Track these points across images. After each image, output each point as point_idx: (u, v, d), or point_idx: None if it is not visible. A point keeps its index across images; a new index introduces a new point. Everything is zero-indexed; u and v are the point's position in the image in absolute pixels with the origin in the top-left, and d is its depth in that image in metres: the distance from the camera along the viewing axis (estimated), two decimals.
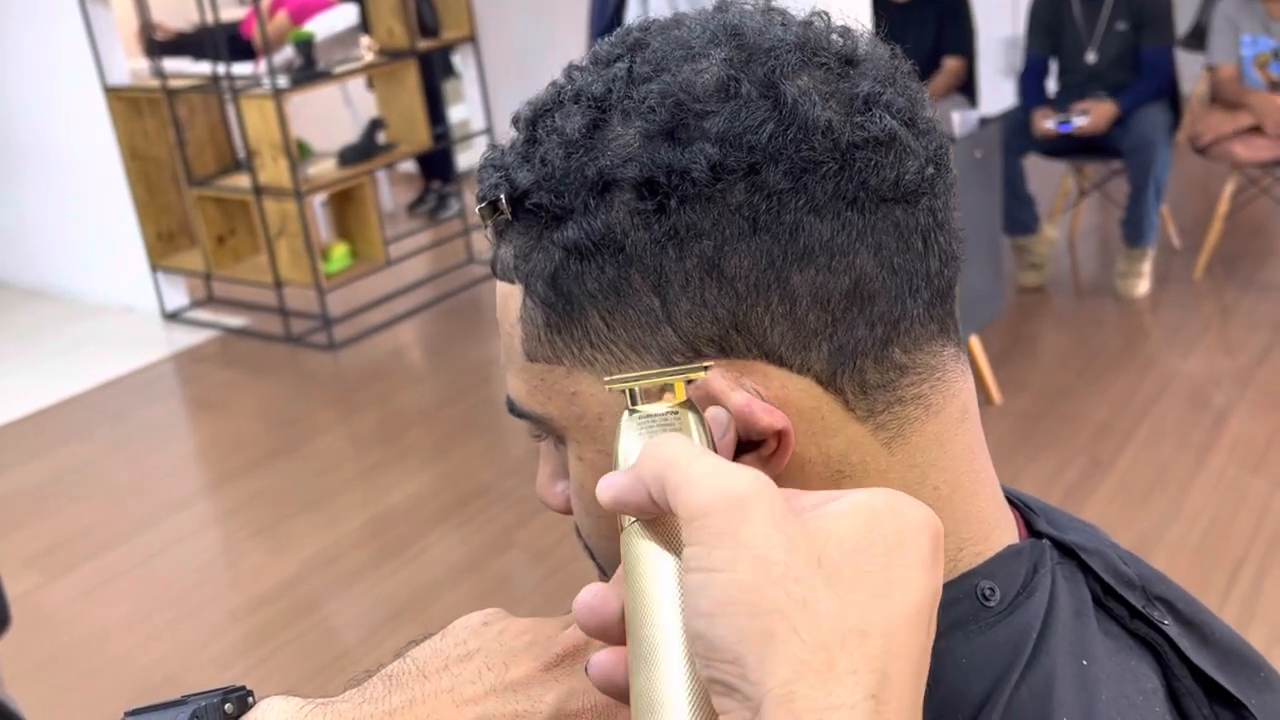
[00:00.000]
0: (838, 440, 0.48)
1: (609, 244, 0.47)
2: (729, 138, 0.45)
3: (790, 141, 0.45)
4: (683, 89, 0.46)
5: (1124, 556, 0.56)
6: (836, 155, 0.45)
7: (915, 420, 0.49)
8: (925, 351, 0.49)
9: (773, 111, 0.45)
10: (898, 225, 0.47)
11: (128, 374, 4.20)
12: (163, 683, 2.51)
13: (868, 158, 0.46)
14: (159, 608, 2.79)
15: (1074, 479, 2.88)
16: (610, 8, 3.42)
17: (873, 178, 0.46)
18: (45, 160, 4.85)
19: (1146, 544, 2.59)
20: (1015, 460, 2.99)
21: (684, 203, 0.45)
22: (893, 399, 0.49)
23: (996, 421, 3.19)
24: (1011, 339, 3.70)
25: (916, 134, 0.48)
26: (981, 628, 0.49)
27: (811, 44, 0.48)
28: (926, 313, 0.49)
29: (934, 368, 0.50)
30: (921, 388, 0.49)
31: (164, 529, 3.14)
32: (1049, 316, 3.94)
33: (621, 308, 0.47)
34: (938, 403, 0.50)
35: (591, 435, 0.51)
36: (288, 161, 3.99)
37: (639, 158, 0.46)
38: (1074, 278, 4.19)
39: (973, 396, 0.53)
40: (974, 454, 0.52)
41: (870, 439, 0.49)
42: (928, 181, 0.48)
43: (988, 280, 3.16)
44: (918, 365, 0.49)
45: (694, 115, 0.46)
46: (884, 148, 0.46)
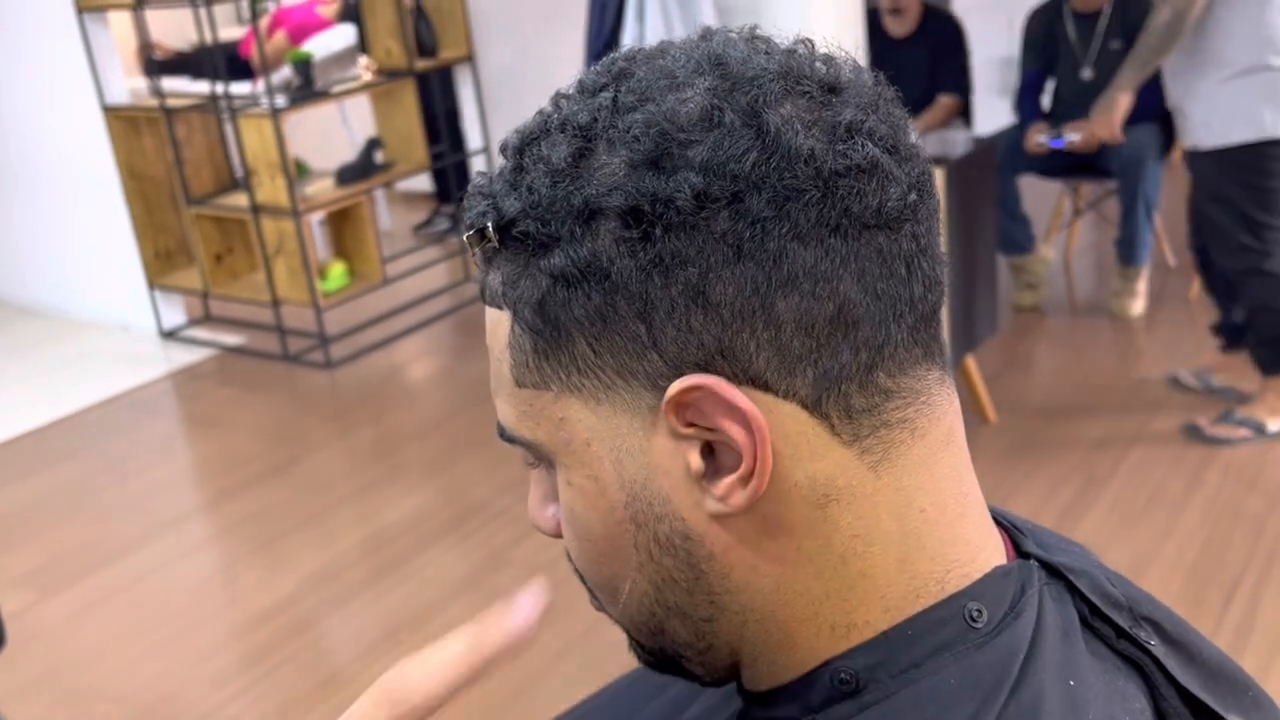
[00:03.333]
0: (824, 464, 0.49)
1: (595, 271, 0.47)
2: (712, 166, 0.46)
3: (773, 170, 0.46)
4: (667, 118, 0.47)
5: (1111, 577, 0.56)
6: (819, 183, 0.46)
7: (901, 444, 0.50)
8: (910, 376, 0.50)
9: (756, 140, 0.46)
10: (881, 251, 0.48)
11: (125, 392, 4.20)
12: (158, 701, 2.50)
13: (850, 185, 0.47)
14: (154, 626, 2.79)
15: (1069, 497, 2.88)
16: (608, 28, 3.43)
17: (855, 205, 0.47)
18: (43, 178, 4.86)
19: (1141, 562, 2.60)
20: (1010, 479, 2.99)
21: (669, 230, 0.46)
22: (878, 423, 0.49)
23: (992, 440, 3.20)
24: (1007, 358, 3.71)
25: (899, 161, 0.48)
26: (969, 648, 0.50)
27: (794, 72, 0.49)
28: (910, 338, 0.49)
29: (919, 392, 0.50)
30: (907, 411, 0.50)
31: (160, 547, 3.14)
32: (1044, 335, 3.95)
33: (608, 334, 0.48)
34: (923, 426, 0.51)
35: (580, 460, 0.51)
36: (285, 180, 4.00)
37: (624, 186, 0.47)
38: (1069, 297, 4.20)
39: (959, 419, 0.54)
40: (960, 476, 0.53)
41: (857, 463, 0.49)
42: (910, 208, 0.48)
43: (983, 300, 3.16)
44: (903, 389, 0.50)
45: (678, 144, 0.46)
46: (866, 175, 0.47)
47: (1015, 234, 3.98)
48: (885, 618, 0.51)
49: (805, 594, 0.51)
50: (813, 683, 0.52)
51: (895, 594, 0.51)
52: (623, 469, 0.50)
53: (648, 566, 0.53)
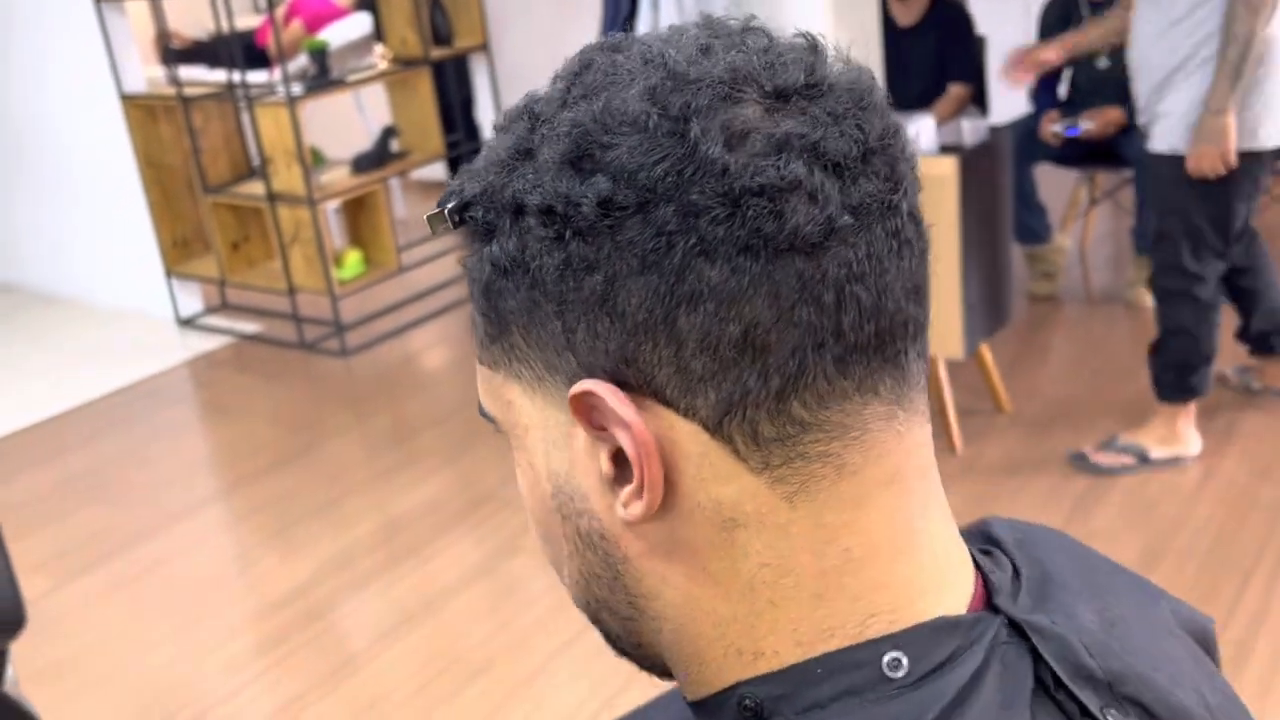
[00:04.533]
0: (729, 489, 0.47)
1: (521, 266, 0.47)
2: (624, 172, 0.44)
3: (684, 182, 0.44)
4: (595, 118, 0.46)
5: (1095, 646, 0.50)
6: (728, 200, 0.44)
7: (824, 478, 0.47)
8: (834, 409, 0.46)
9: (674, 148, 0.44)
10: (800, 276, 0.44)
11: (142, 379, 4.23)
12: (174, 686, 2.53)
13: (762, 205, 0.44)
14: (171, 611, 2.81)
15: (1082, 487, 2.88)
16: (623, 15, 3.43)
17: (767, 225, 0.44)
18: (62, 166, 4.89)
19: (1154, 553, 2.59)
20: (1024, 467, 2.99)
21: (577, 234, 0.45)
22: (793, 454, 0.46)
23: (1006, 429, 3.19)
24: (1022, 347, 3.70)
25: (845, 179, 0.45)
26: (880, 698, 0.46)
27: (743, 77, 0.46)
28: (837, 370, 0.46)
29: (848, 427, 0.47)
30: (831, 446, 0.47)
31: (177, 533, 3.16)
32: (1060, 325, 3.93)
33: (535, 328, 0.48)
34: (855, 463, 0.47)
35: (522, 445, 0.52)
36: (301, 169, 4.01)
37: (544, 184, 0.46)
38: (1085, 286, 4.19)
39: (917, 458, 0.50)
40: (907, 519, 0.49)
41: (768, 491, 0.47)
42: (837, 232, 0.44)
43: (999, 289, 3.16)
44: (824, 423, 0.46)
45: (599, 146, 0.45)
46: (783, 194, 0.44)
47: (1032, 223, 3.97)
48: (795, 651, 0.48)
49: (712, 614, 0.49)
50: (722, 703, 0.50)
51: (807, 629, 0.48)
52: (550, 460, 0.50)
53: (575, 558, 0.52)
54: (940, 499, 0.52)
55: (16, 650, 1.76)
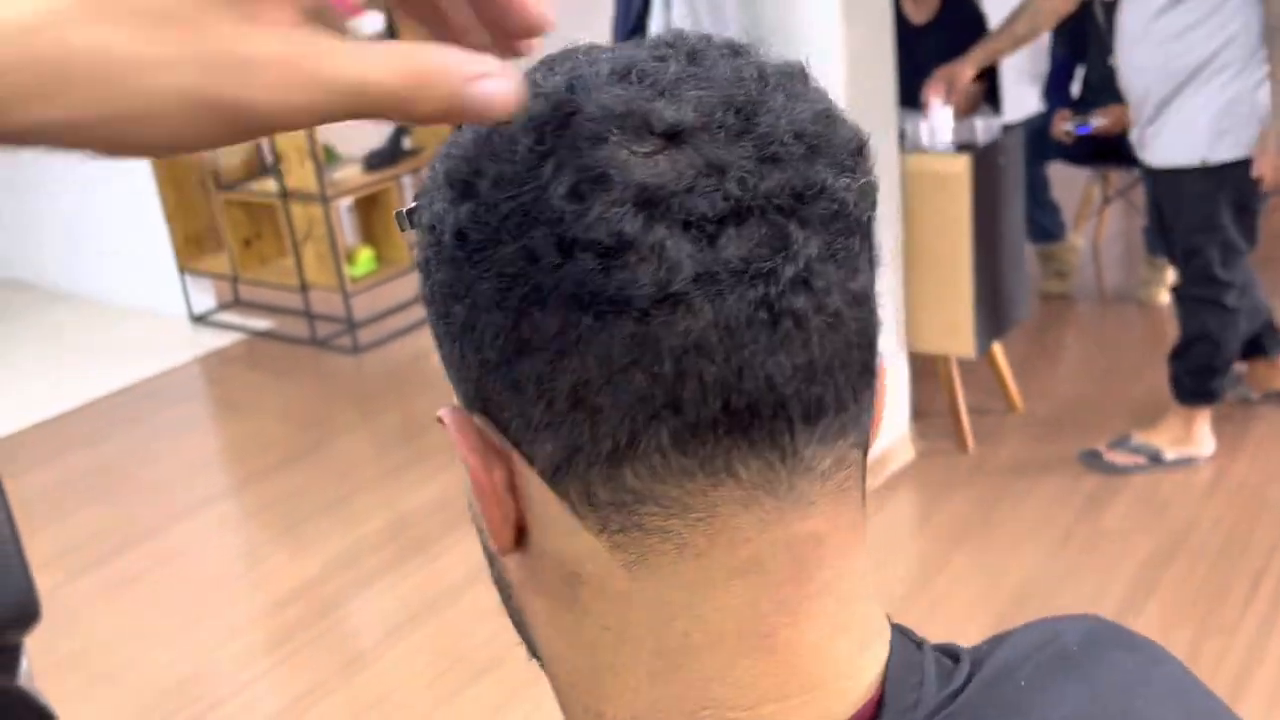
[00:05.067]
0: (572, 543, 0.44)
1: (425, 276, 0.45)
2: (482, 205, 0.41)
3: (527, 223, 0.40)
4: (485, 138, 0.42)
5: None
6: (560, 249, 0.40)
7: (664, 554, 0.43)
8: (672, 485, 0.41)
9: (527, 186, 0.40)
10: (633, 339, 0.40)
11: (155, 376, 4.24)
12: (183, 682, 2.54)
13: (589, 259, 0.39)
14: (181, 607, 2.82)
15: (1093, 487, 2.87)
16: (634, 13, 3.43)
17: (594, 281, 0.39)
18: (75, 163, 4.90)
19: (1165, 553, 2.58)
20: (1033, 467, 2.98)
21: (442, 261, 0.43)
22: (630, 523, 0.42)
23: (1018, 429, 3.19)
24: (1035, 346, 3.69)
25: (697, 240, 0.39)
26: None
27: (630, 112, 0.40)
28: (674, 444, 0.41)
29: (689, 506, 0.42)
30: (669, 522, 0.42)
31: (187, 529, 3.17)
32: (1072, 323, 3.92)
33: (441, 339, 0.46)
34: (699, 545, 0.42)
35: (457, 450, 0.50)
36: (314, 166, 4.02)
37: (433, 202, 0.44)
38: (1098, 285, 4.17)
39: (794, 551, 0.43)
40: (763, 614, 0.43)
41: (608, 556, 0.43)
42: (677, 299, 0.39)
43: (1011, 287, 3.15)
44: (660, 497, 0.42)
45: (475, 172, 0.42)
46: (613, 251, 0.39)
47: (1045, 222, 3.96)
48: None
49: (568, 663, 0.47)
50: None
51: (642, 704, 0.45)
52: (465, 471, 0.47)
53: (490, 568, 0.51)
54: (842, 594, 0.45)
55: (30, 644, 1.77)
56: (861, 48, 2.72)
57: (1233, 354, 2.83)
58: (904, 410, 3.11)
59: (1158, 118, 2.68)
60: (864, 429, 0.45)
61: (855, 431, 0.44)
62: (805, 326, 0.40)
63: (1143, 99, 2.71)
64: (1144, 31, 2.64)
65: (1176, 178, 2.71)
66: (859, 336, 0.42)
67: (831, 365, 0.42)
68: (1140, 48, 2.66)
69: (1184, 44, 2.59)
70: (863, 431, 0.45)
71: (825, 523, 0.44)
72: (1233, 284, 2.74)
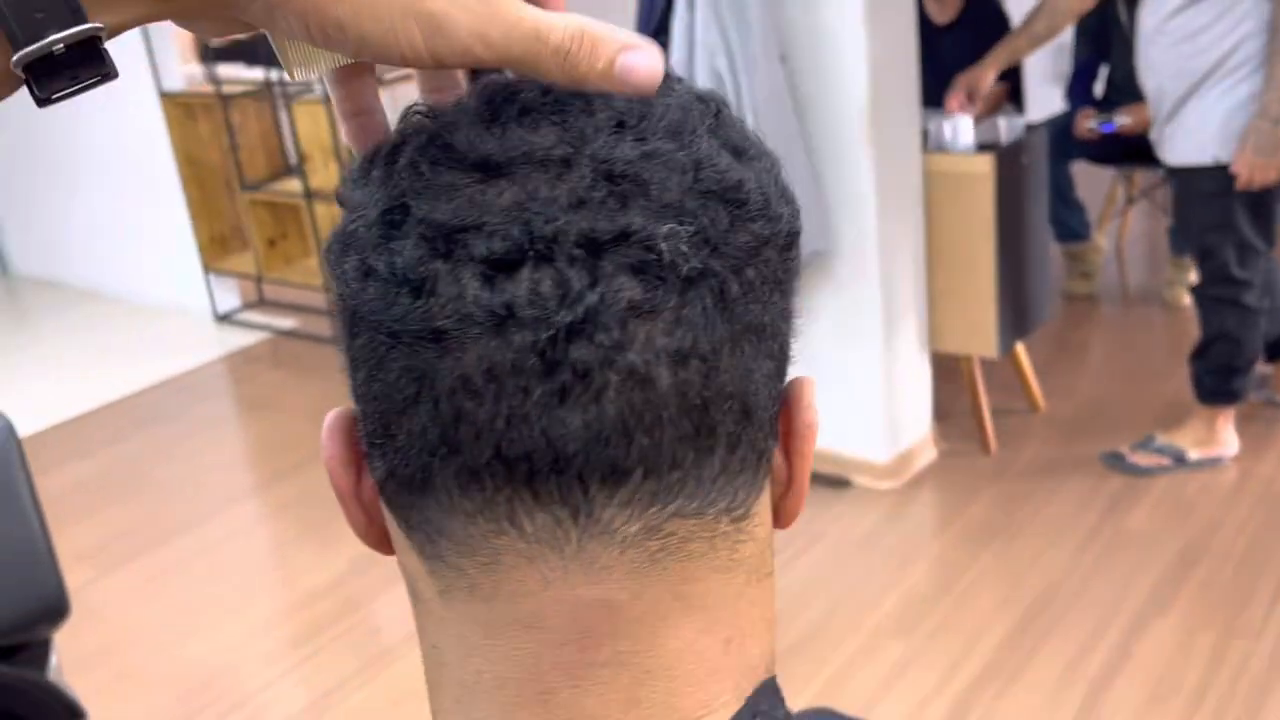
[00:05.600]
0: (406, 560, 0.44)
1: None
2: (339, 226, 0.42)
3: (349, 246, 0.41)
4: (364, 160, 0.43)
5: None
6: (360, 272, 0.40)
7: (459, 591, 0.42)
8: (459, 525, 0.41)
9: (355, 212, 0.41)
10: (412, 372, 0.39)
11: (180, 374, 4.28)
12: (211, 677, 2.56)
13: (378, 288, 0.39)
14: (207, 604, 2.84)
15: (1117, 488, 2.86)
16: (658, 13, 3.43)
17: (380, 311, 0.39)
18: (103, 164, 4.94)
19: (1191, 554, 2.57)
20: (1059, 469, 2.97)
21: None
22: (434, 553, 0.42)
23: (1040, 429, 3.18)
24: (1058, 346, 3.68)
25: (478, 280, 0.38)
26: None
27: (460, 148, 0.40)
28: (458, 484, 0.40)
29: (474, 549, 0.41)
30: (462, 561, 0.41)
31: (214, 526, 3.20)
32: (1097, 324, 3.91)
33: None
34: (486, 589, 0.41)
35: None
36: (338, 166, 4.04)
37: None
38: (1122, 285, 4.16)
39: (585, 619, 0.41)
40: (543, 673, 0.42)
41: (428, 579, 0.43)
42: (442, 336, 0.38)
43: (1035, 287, 3.14)
44: (452, 534, 0.41)
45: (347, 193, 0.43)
46: (395, 284, 0.39)
47: (1070, 221, 3.94)
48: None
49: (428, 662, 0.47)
50: None
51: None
52: None
53: None
54: (647, 671, 0.42)
55: (59, 639, 1.80)
56: (884, 48, 2.72)
57: (1255, 353, 2.82)
58: (926, 411, 3.11)
59: (1173, 117, 2.68)
60: (712, 498, 0.41)
61: (684, 500, 0.40)
62: (591, 381, 0.38)
63: (1159, 98, 2.71)
64: (1160, 30, 2.64)
65: (1190, 177, 2.71)
66: (680, 398, 0.39)
67: (634, 426, 0.38)
68: (1156, 47, 2.67)
69: (1198, 44, 2.59)
70: (707, 501, 0.41)
71: (623, 592, 0.41)
72: (1251, 283, 2.73)
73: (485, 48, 0.38)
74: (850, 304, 2.90)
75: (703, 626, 0.42)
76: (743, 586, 0.44)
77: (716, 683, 0.43)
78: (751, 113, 2.60)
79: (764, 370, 0.41)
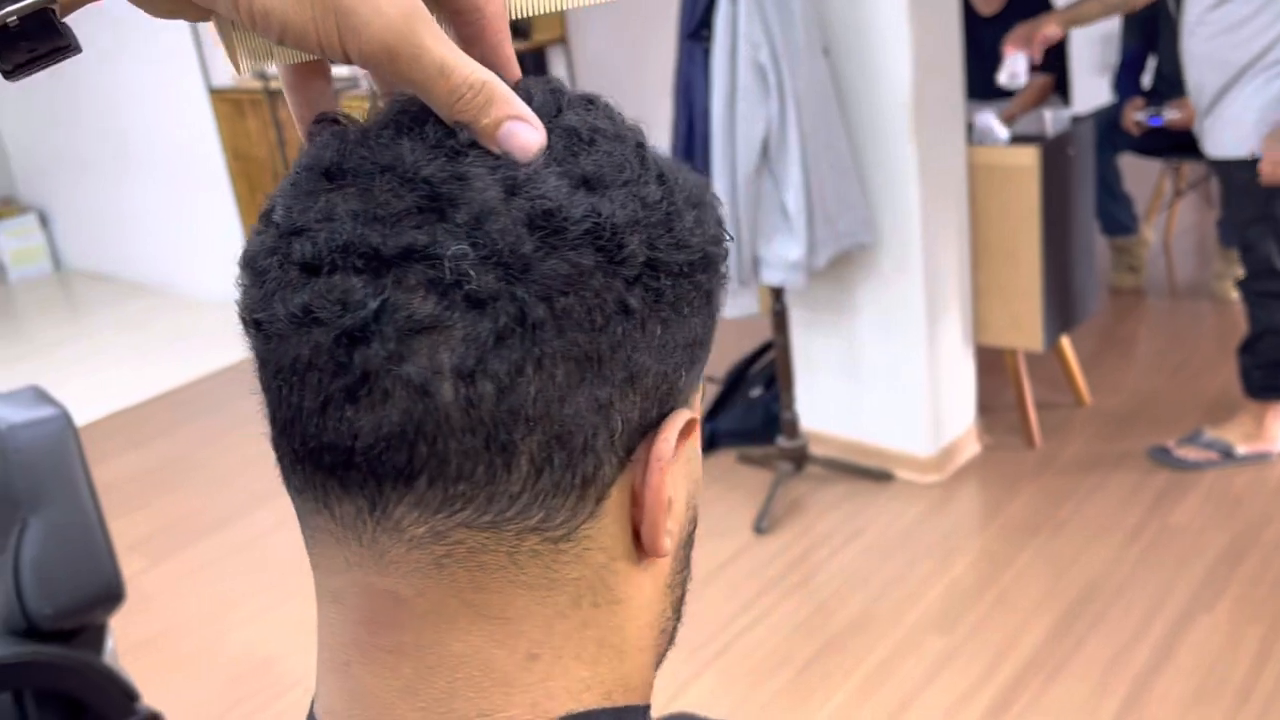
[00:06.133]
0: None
1: None
2: None
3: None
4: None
5: None
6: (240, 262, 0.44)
7: (310, 552, 0.46)
8: (299, 501, 0.45)
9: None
10: (255, 355, 0.44)
11: (229, 366, 4.34)
12: (261, 664, 2.60)
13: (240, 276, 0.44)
14: (257, 591, 2.89)
15: (1164, 483, 2.84)
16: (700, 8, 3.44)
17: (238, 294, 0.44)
18: (153, 159, 5.02)
19: (1238, 550, 2.55)
20: (1104, 463, 2.95)
21: None
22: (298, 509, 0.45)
23: (1086, 423, 3.16)
24: (1105, 340, 3.66)
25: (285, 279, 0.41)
26: None
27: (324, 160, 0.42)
28: (290, 466, 0.44)
29: (306, 523, 0.45)
30: (303, 528, 0.45)
31: (261, 516, 3.25)
32: (1143, 317, 3.88)
33: None
34: (313, 560, 0.45)
35: None
36: None
37: None
38: (1169, 279, 4.12)
39: (375, 609, 0.43)
40: (343, 646, 0.45)
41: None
42: (253, 329, 0.43)
43: (1081, 280, 3.12)
44: (298, 508, 0.45)
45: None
46: (243, 272, 0.43)
47: (1118, 214, 3.91)
48: None
49: None
50: None
51: None
52: None
53: None
54: (430, 666, 0.43)
55: (113, 625, 1.84)
56: (929, 40, 2.71)
57: None
58: (970, 405, 3.10)
59: (1213, 109, 2.67)
60: (510, 515, 0.42)
61: (474, 512, 0.41)
62: (375, 386, 0.39)
63: (1199, 90, 2.70)
64: (1201, 22, 2.63)
65: (1230, 169, 2.70)
66: (464, 414, 0.40)
67: (415, 435, 0.40)
68: (1196, 38, 2.66)
69: (1239, 36, 2.57)
70: (504, 517, 0.42)
71: (409, 588, 0.42)
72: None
73: (390, 61, 0.41)
74: (894, 297, 2.89)
75: (498, 638, 0.43)
76: (567, 608, 0.44)
77: (504, 695, 0.43)
78: (795, 106, 2.60)
79: (596, 398, 0.41)
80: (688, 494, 0.47)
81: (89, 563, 1.68)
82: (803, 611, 2.55)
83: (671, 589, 0.49)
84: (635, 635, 0.47)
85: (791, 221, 2.67)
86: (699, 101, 2.76)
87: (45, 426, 1.66)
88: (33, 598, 1.62)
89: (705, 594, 2.62)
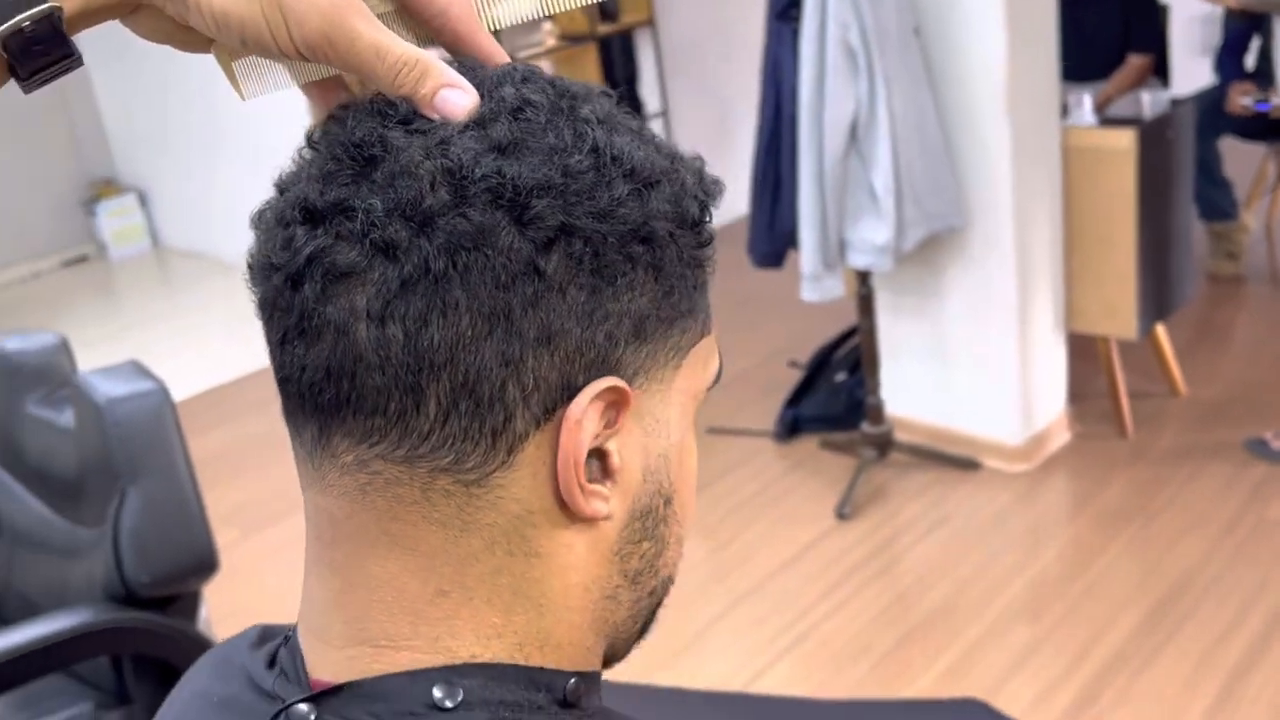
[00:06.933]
0: None
1: None
2: None
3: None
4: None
5: None
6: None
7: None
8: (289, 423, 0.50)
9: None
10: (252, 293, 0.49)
11: None
12: None
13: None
14: None
15: (1260, 476, 2.76)
16: None
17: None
18: (246, 141, 5.12)
19: None
20: (1198, 454, 2.88)
21: None
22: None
23: (1181, 413, 3.08)
24: (1202, 328, 3.56)
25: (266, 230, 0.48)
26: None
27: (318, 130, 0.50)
28: (279, 392, 0.50)
29: (291, 443, 0.51)
30: (292, 447, 0.51)
31: None
32: (1241, 306, 3.77)
33: None
34: (301, 472, 0.51)
35: None
36: None
37: None
38: (1270, 266, 4.00)
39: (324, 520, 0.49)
40: (311, 548, 0.51)
41: None
42: (249, 270, 0.49)
43: (1177, 266, 3.04)
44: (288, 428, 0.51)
45: None
46: (254, 228, 0.49)
47: (1217, 199, 3.80)
48: None
49: None
50: None
51: None
52: None
53: None
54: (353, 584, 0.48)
55: (207, 594, 1.88)
56: (1023, 19, 2.66)
57: None
58: (1061, 392, 3.04)
59: None
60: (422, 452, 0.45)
61: (389, 445, 0.45)
62: (309, 324, 0.45)
63: None
64: None
65: None
66: (377, 355, 0.44)
67: (337, 370, 0.45)
68: None
69: None
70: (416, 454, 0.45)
71: (339, 510, 0.48)
72: None
73: (331, 49, 0.45)
74: (984, 281, 2.85)
75: (411, 569, 0.47)
76: (480, 551, 0.47)
77: (410, 625, 0.47)
78: (884, 86, 2.57)
79: (503, 353, 0.44)
80: (645, 465, 0.49)
81: (185, 533, 1.73)
82: (884, 599, 2.53)
83: (622, 558, 0.50)
84: (560, 593, 0.48)
85: (879, 203, 2.64)
86: (787, 82, 2.73)
87: (144, 400, 1.71)
88: (131, 566, 1.66)
89: (784, 580, 2.62)
